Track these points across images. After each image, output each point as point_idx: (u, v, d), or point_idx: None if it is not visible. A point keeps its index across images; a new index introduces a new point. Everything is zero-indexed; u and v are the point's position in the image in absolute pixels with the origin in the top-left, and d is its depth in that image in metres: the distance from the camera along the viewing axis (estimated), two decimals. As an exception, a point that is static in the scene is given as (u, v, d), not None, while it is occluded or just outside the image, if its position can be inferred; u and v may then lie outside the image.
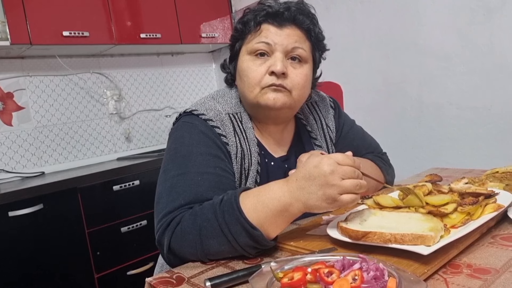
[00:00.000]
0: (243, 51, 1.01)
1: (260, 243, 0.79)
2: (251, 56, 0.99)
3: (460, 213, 0.79)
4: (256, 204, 0.78)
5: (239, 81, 1.02)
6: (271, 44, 0.96)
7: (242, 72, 0.99)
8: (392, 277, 0.58)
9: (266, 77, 0.96)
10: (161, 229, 0.85)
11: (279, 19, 0.98)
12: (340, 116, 1.22)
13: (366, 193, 1.07)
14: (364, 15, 2.29)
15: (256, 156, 1.01)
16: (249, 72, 0.98)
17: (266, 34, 0.97)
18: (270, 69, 0.95)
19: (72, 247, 2.01)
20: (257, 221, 0.78)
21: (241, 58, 1.01)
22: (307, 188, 0.75)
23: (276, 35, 0.97)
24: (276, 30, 0.97)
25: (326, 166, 0.73)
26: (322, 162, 0.74)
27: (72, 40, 2.33)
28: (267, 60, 0.97)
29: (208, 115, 0.98)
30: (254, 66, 0.97)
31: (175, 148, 0.96)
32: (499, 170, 1.07)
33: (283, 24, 0.98)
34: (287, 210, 0.78)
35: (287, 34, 0.98)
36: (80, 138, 2.68)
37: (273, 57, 0.96)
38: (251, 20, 0.99)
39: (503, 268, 0.65)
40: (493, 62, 1.83)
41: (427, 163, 2.04)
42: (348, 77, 2.38)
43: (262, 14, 0.98)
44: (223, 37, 3.04)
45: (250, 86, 0.98)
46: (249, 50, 0.99)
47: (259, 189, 0.82)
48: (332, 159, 0.74)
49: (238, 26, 1.03)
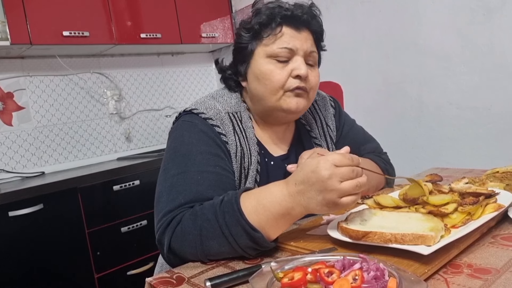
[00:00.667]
0: (260, 53, 0.99)
1: (261, 245, 0.79)
2: (271, 59, 0.97)
3: (461, 213, 0.79)
4: (257, 207, 0.78)
5: (255, 83, 1.00)
6: (293, 50, 0.97)
7: (262, 75, 0.98)
8: (393, 277, 0.57)
9: (290, 80, 0.97)
10: (161, 228, 0.85)
11: (297, 22, 0.98)
12: (341, 115, 1.22)
13: (366, 192, 1.08)
14: (364, 15, 2.29)
15: (256, 155, 1.01)
16: (272, 76, 0.96)
17: (287, 39, 0.97)
18: (294, 72, 0.96)
19: (72, 247, 2.01)
20: (258, 223, 0.77)
21: (259, 61, 0.99)
22: (307, 193, 0.74)
23: (296, 39, 0.97)
24: (294, 33, 0.97)
25: (323, 171, 0.72)
26: (319, 166, 0.72)
27: (72, 40, 2.33)
28: (288, 64, 0.97)
29: (207, 114, 0.98)
30: (277, 69, 0.97)
31: (175, 147, 0.96)
32: (499, 170, 1.07)
33: (300, 27, 0.98)
34: (289, 214, 0.78)
35: (305, 38, 0.99)
36: (80, 138, 2.68)
37: (295, 61, 0.97)
38: (270, 22, 0.97)
39: (504, 268, 0.65)
40: (493, 62, 1.83)
41: (427, 163, 2.04)
42: (349, 77, 2.38)
43: (280, 16, 0.97)
44: (223, 37, 3.04)
45: (273, 89, 0.97)
46: (269, 53, 0.97)
47: (259, 191, 0.81)
48: (329, 162, 0.72)
49: (255, 26, 0.99)
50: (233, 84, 1.08)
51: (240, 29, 1.03)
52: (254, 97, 1.03)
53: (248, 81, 1.03)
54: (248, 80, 1.03)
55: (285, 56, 0.97)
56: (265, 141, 1.07)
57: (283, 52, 0.96)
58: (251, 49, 1.01)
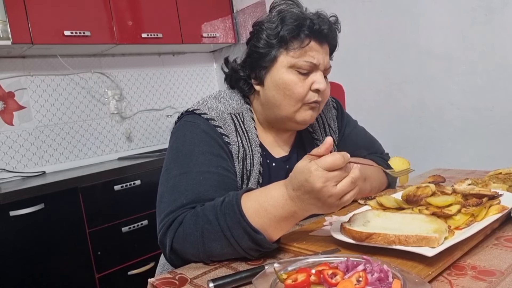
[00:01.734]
0: (283, 62, 0.97)
1: (263, 246, 0.79)
2: (293, 70, 0.97)
3: (464, 215, 0.79)
4: (259, 210, 0.77)
5: (274, 91, 0.98)
6: (316, 65, 0.97)
7: (284, 85, 0.97)
8: (397, 279, 0.57)
9: (310, 94, 0.98)
10: (163, 229, 0.85)
11: (321, 36, 0.98)
12: (343, 116, 1.22)
13: (369, 194, 1.07)
14: (366, 16, 2.29)
15: (258, 157, 1.01)
16: (295, 88, 0.96)
17: (312, 54, 0.96)
18: (314, 86, 0.97)
19: (73, 247, 2.01)
20: (260, 225, 0.77)
21: (281, 70, 0.97)
22: (307, 200, 0.73)
23: (319, 53, 0.97)
24: (318, 48, 0.98)
25: (317, 183, 0.70)
26: (312, 177, 0.70)
27: (74, 40, 2.32)
28: (308, 76, 0.97)
29: (210, 115, 0.98)
30: (299, 82, 0.96)
31: (177, 147, 0.95)
32: (502, 171, 1.07)
33: (322, 41, 0.99)
34: (292, 216, 0.77)
35: (325, 52, 1.00)
36: (81, 137, 2.68)
37: (316, 75, 0.97)
38: (299, 33, 0.96)
39: (508, 270, 0.65)
40: (494, 63, 1.83)
41: (429, 164, 2.03)
42: (350, 77, 2.38)
43: (308, 28, 0.96)
44: (224, 37, 3.04)
45: (292, 100, 0.97)
46: (292, 64, 0.96)
47: (259, 194, 0.80)
48: (320, 171, 0.70)
49: (284, 35, 0.96)
50: (245, 87, 1.05)
51: (263, 33, 0.99)
52: (269, 103, 1.01)
53: (265, 86, 1.01)
54: (266, 86, 1.00)
55: (307, 69, 0.97)
56: (267, 143, 1.07)
57: (306, 66, 0.96)
58: (274, 56, 0.98)
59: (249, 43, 1.04)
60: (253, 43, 1.01)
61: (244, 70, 1.04)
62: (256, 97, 1.06)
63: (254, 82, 1.03)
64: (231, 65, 1.09)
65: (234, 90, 1.09)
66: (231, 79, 1.09)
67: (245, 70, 1.04)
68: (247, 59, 1.04)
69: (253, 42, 1.01)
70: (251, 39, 1.03)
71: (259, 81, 1.02)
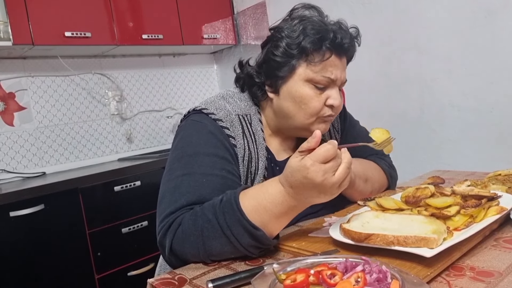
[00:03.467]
0: (301, 75, 0.95)
1: (263, 243, 0.79)
2: (310, 84, 0.95)
3: (463, 216, 0.79)
4: (257, 207, 0.77)
5: (288, 103, 0.97)
6: (334, 80, 0.96)
7: (300, 99, 0.95)
8: (395, 280, 0.57)
9: (324, 109, 0.97)
10: (162, 231, 0.84)
11: (342, 50, 0.96)
12: (345, 117, 1.22)
13: (369, 194, 1.07)
14: (366, 17, 2.29)
15: (264, 160, 1.00)
16: (311, 102, 0.95)
17: (331, 69, 0.95)
18: (329, 102, 0.96)
19: (73, 247, 2.01)
20: (260, 222, 0.77)
21: (298, 83, 0.95)
22: (307, 194, 0.74)
23: (337, 68, 0.96)
24: (338, 62, 0.96)
25: (317, 177, 0.71)
26: (310, 173, 0.71)
27: (74, 41, 2.33)
28: (324, 91, 0.96)
29: (218, 115, 0.97)
30: (316, 96, 0.95)
31: (182, 147, 0.94)
32: (502, 172, 1.07)
33: (342, 55, 0.97)
34: (292, 211, 0.78)
35: (343, 66, 0.99)
36: (82, 138, 2.68)
37: (332, 90, 0.97)
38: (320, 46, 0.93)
39: (506, 271, 0.65)
40: (494, 64, 1.83)
41: (428, 165, 2.04)
42: (350, 78, 2.35)
43: (329, 41, 0.93)
44: (224, 38, 3.04)
45: (307, 114, 0.96)
46: (310, 78, 0.94)
47: (256, 192, 0.80)
48: (316, 165, 0.71)
49: (307, 46, 0.92)
50: (259, 92, 1.03)
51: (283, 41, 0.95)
52: (282, 113, 1.00)
53: (280, 96, 0.99)
54: (281, 96, 0.98)
55: (324, 84, 0.95)
56: (273, 147, 1.06)
57: (324, 81, 0.95)
58: (293, 67, 0.95)
59: (264, 47, 1.01)
60: (270, 49, 0.98)
61: (259, 77, 1.01)
62: (268, 103, 1.04)
63: (269, 89, 1.01)
64: (246, 69, 1.05)
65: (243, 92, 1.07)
66: (243, 82, 1.06)
67: (260, 76, 1.01)
68: (263, 65, 1.00)
69: (271, 49, 0.97)
70: (268, 43, 1.00)
71: (274, 89, 0.99)
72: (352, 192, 1.05)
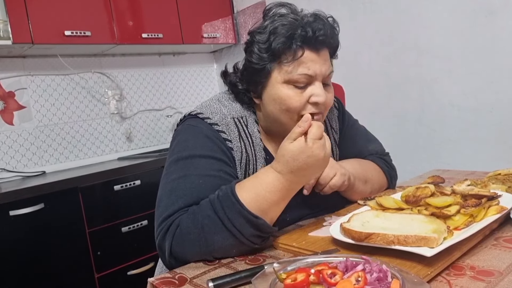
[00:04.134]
0: (277, 78, 0.93)
1: (265, 231, 0.81)
2: (289, 85, 0.92)
3: (463, 215, 0.79)
4: (256, 198, 0.80)
5: (271, 106, 0.95)
6: (312, 76, 0.92)
7: (280, 101, 0.93)
8: (396, 279, 0.57)
9: (307, 107, 0.93)
10: (161, 234, 0.85)
11: (316, 43, 0.92)
12: (344, 116, 1.21)
13: (369, 194, 1.07)
14: (366, 16, 2.29)
15: (262, 161, 1.00)
16: (290, 102, 0.92)
17: (307, 65, 0.91)
18: (312, 99, 0.92)
19: (73, 246, 2.01)
20: (259, 211, 0.80)
21: (276, 86, 0.93)
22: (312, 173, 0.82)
23: (315, 63, 0.92)
24: (314, 57, 0.92)
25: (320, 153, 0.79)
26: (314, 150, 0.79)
27: (74, 40, 2.33)
28: (306, 89, 0.93)
29: (213, 119, 0.97)
30: (296, 96, 0.92)
31: (178, 151, 0.94)
32: (501, 172, 1.07)
33: (319, 48, 0.93)
34: (288, 193, 0.83)
35: (324, 59, 0.94)
36: (81, 137, 2.68)
37: (314, 87, 0.92)
38: (290, 45, 0.90)
39: (507, 270, 0.65)
40: (495, 64, 1.83)
41: (428, 164, 2.04)
42: (350, 78, 2.38)
43: (301, 38, 0.90)
44: (224, 38, 3.04)
45: (289, 114, 0.94)
46: (287, 79, 0.92)
47: (252, 183, 0.82)
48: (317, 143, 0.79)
49: (276, 47, 0.90)
50: (246, 99, 1.02)
51: (255, 46, 0.94)
52: (269, 117, 0.99)
53: (263, 101, 0.98)
54: (264, 100, 0.98)
55: (303, 82, 0.92)
56: (270, 147, 1.06)
57: (302, 78, 0.91)
58: (268, 71, 0.93)
59: (245, 52, 1.00)
60: (246, 56, 0.97)
61: (242, 84, 1.01)
62: (258, 107, 1.03)
63: (253, 95, 1.00)
64: (229, 78, 1.05)
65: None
66: (234, 93, 1.05)
67: (243, 83, 1.01)
68: (244, 72, 1.00)
69: (247, 56, 0.97)
70: (246, 50, 0.99)
71: (257, 95, 0.99)
72: (352, 193, 1.06)
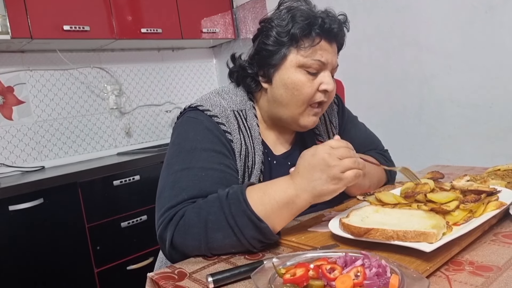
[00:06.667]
0: (292, 61, 0.96)
1: (266, 236, 0.80)
2: (302, 70, 0.96)
3: (462, 211, 0.79)
4: (262, 197, 0.80)
5: (282, 90, 0.97)
6: (325, 64, 0.96)
7: (293, 85, 0.96)
8: (395, 274, 0.58)
9: (317, 94, 0.97)
10: (163, 224, 0.84)
11: (331, 35, 0.97)
12: (343, 112, 1.22)
13: (368, 189, 1.08)
14: (366, 12, 2.28)
15: (260, 154, 1.01)
16: (303, 88, 0.96)
17: (322, 53, 0.95)
18: (322, 87, 0.96)
19: (72, 241, 2.01)
20: (264, 214, 0.79)
21: (290, 69, 0.96)
22: (311, 176, 0.78)
23: (328, 53, 0.97)
24: (328, 47, 0.97)
25: (322, 152, 0.78)
26: (318, 149, 0.79)
27: (73, 35, 2.32)
28: (316, 76, 0.97)
29: (213, 111, 0.98)
30: (308, 82, 0.96)
31: (179, 143, 0.95)
32: (501, 167, 1.08)
33: (332, 40, 0.98)
34: (294, 202, 0.80)
35: (334, 51, 1.00)
36: (81, 132, 2.67)
37: (324, 75, 0.97)
38: (310, 32, 0.94)
39: (505, 265, 0.65)
40: (494, 60, 1.83)
41: (428, 160, 2.04)
42: (349, 73, 2.37)
43: (319, 27, 0.95)
44: (224, 33, 3.03)
45: (299, 101, 0.97)
46: (302, 63, 0.95)
47: (265, 183, 0.84)
48: (326, 145, 0.79)
49: (296, 32, 0.94)
50: (253, 84, 1.04)
51: (273, 30, 0.97)
52: (276, 102, 1.00)
53: (273, 85, 1.00)
54: (274, 84, 0.99)
55: (315, 69, 0.96)
56: (269, 141, 1.07)
57: (315, 65, 0.95)
58: (284, 54, 0.96)
59: (256, 39, 1.02)
60: (262, 40, 0.99)
61: (252, 67, 1.03)
62: (263, 94, 1.05)
63: (262, 79, 1.02)
64: (238, 61, 1.07)
65: (238, 87, 1.08)
66: (237, 75, 1.07)
67: (252, 67, 1.03)
68: (255, 56, 1.02)
69: (262, 39, 0.99)
70: (259, 35, 1.01)
71: (267, 79, 1.00)
72: (350, 187, 1.05)
